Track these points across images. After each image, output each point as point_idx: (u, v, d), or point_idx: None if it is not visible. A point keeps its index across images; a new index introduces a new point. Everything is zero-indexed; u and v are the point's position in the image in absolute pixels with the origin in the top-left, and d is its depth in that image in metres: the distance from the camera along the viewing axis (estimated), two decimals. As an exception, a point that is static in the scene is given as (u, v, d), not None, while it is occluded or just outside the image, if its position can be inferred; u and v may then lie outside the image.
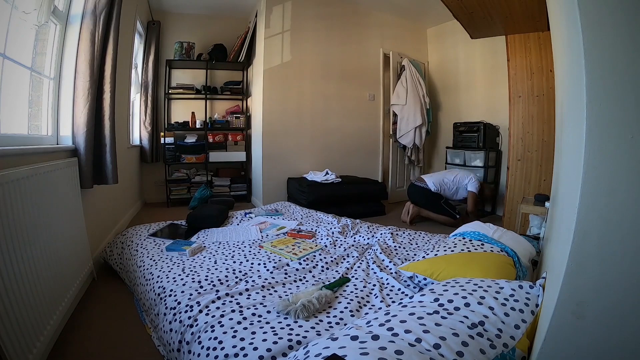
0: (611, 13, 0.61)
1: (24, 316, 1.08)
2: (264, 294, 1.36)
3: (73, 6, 1.83)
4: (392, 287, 1.49)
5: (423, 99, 4.32)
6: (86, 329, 1.46)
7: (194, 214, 2.43)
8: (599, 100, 0.61)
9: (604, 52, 0.61)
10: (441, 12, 3.48)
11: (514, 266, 1.38)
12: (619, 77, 0.60)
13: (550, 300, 0.76)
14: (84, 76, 1.78)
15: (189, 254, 1.75)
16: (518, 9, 2.69)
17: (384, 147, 4.56)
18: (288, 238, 2.05)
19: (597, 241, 0.63)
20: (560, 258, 0.74)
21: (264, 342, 1.01)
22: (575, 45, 0.68)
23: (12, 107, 1.51)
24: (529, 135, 3.19)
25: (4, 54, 1.35)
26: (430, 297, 0.97)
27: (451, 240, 1.61)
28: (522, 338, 0.84)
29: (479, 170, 3.78)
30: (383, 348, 0.71)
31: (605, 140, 0.61)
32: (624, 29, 0.60)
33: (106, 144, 1.98)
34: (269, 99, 3.77)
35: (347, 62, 4.19)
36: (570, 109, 0.90)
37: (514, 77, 3.25)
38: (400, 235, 2.21)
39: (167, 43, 4.21)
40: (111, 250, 2.06)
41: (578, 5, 0.62)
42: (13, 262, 1.05)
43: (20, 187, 1.15)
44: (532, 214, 2.36)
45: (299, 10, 3.84)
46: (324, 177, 3.66)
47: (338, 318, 1.20)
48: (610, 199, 0.61)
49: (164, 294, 1.39)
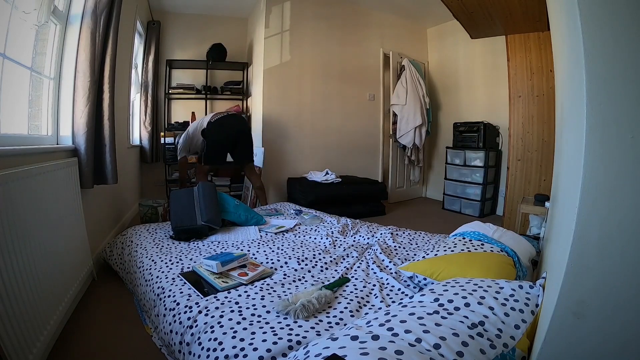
0: (611, 13, 0.61)
1: (24, 316, 1.08)
2: (263, 294, 1.35)
3: (73, 6, 1.83)
4: (392, 287, 1.49)
5: (423, 99, 4.32)
6: (86, 329, 1.46)
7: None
8: (599, 100, 0.61)
9: (604, 52, 0.61)
10: (441, 12, 3.48)
11: (514, 266, 1.38)
12: (619, 77, 0.60)
13: (550, 300, 0.76)
14: (84, 76, 1.78)
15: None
16: (518, 9, 2.69)
17: (384, 147, 4.56)
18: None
19: (597, 241, 0.63)
20: (560, 258, 0.74)
21: (263, 343, 1.01)
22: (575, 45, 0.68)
23: (12, 107, 1.51)
24: (529, 135, 3.19)
25: (4, 54, 1.34)
26: (430, 297, 0.97)
27: (451, 240, 1.61)
28: (522, 338, 0.84)
29: (479, 170, 3.78)
30: (383, 348, 0.71)
31: (605, 140, 0.61)
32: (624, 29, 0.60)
33: (106, 144, 1.98)
34: (268, 99, 3.77)
35: (347, 62, 4.19)
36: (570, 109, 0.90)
37: (514, 77, 3.25)
38: (400, 235, 2.21)
39: (167, 43, 4.21)
40: (111, 250, 2.06)
41: (578, 5, 0.63)
42: (13, 262, 1.05)
43: (21, 187, 1.15)
44: (532, 214, 2.36)
45: (298, 10, 3.84)
46: (324, 177, 3.66)
47: (338, 318, 1.20)
48: (610, 199, 0.61)
49: (163, 295, 1.39)
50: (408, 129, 4.23)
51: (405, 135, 4.27)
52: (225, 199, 2.39)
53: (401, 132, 4.29)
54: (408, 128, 4.23)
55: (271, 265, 1.66)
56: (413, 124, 4.20)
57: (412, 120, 4.20)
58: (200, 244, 1.95)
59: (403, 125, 4.26)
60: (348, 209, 3.42)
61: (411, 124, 4.21)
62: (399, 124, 4.31)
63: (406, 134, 4.26)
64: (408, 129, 4.23)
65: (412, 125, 4.21)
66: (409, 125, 4.22)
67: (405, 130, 4.25)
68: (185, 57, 4.26)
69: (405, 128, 4.24)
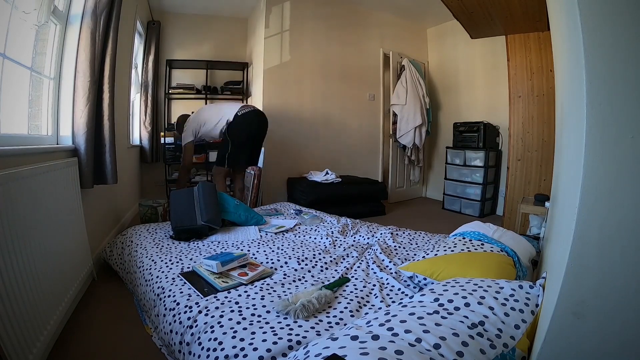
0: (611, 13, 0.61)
1: (24, 316, 1.08)
2: (263, 294, 1.35)
3: (73, 6, 1.83)
4: (392, 287, 1.49)
5: (423, 98, 4.32)
6: (86, 329, 1.46)
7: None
8: (599, 100, 0.61)
9: (604, 52, 0.61)
10: (441, 12, 3.48)
11: (514, 266, 1.38)
12: (619, 77, 0.60)
13: (550, 300, 0.76)
14: (84, 76, 1.78)
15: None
16: (518, 9, 2.69)
17: (384, 147, 4.56)
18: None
19: (597, 241, 0.63)
20: (560, 258, 0.74)
21: (263, 343, 1.01)
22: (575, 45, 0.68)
23: (12, 107, 1.51)
24: (529, 135, 3.19)
25: (4, 54, 1.34)
26: (430, 297, 0.97)
27: (451, 240, 1.61)
28: (522, 338, 0.84)
29: (479, 170, 3.78)
30: (383, 348, 0.71)
31: (605, 140, 0.61)
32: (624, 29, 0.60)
33: (106, 144, 1.98)
34: (268, 99, 3.77)
35: (347, 62, 4.19)
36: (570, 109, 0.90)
37: (514, 77, 3.25)
38: (400, 235, 2.21)
39: (167, 43, 4.21)
40: (111, 250, 2.06)
41: (578, 5, 0.63)
42: (13, 262, 1.05)
43: (20, 187, 1.15)
44: (532, 214, 2.36)
45: (298, 10, 3.84)
46: (324, 177, 3.66)
47: (338, 318, 1.20)
48: (610, 199, 0.61)
49: (163, 295, 1.39)
50: (408, 129, 4.23)
51: (405, 135, 4.28)
52: (225, 199, 2.39)
53: (401, 132, 4.29)
54: (408, 128, 4.23)
55: (271, 265, 1.66)
56: (413, 124, 4.21)
57: (412, 120, 4.21)
58: (200, 244, 1.95)
59: (403, 125, 4.26)
60: (348, 209, 3.41)
61: (411, 124, 4.21)
62: (399, 123, 4.32)
63: (406, 133, 4.26)
64: (408, 129, 4.23)
65: (412, 125, 4.21)
66: (409, 125, 4.22)
67: (405, 130, 4.26)
68: (185, 57, 4.26)
69: (405, 128, 4.25)
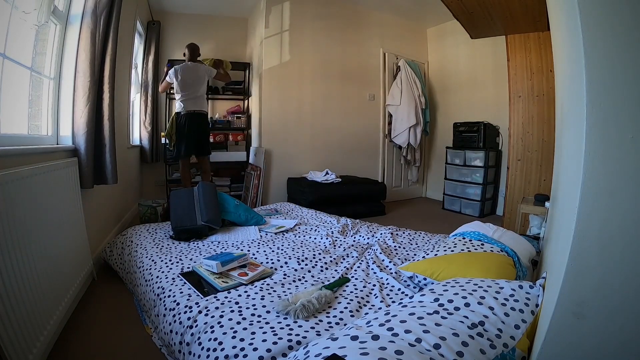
0: (611, 13, 0.61)
1: (24, 316, 1.08)
2: (263, 294, 1.35)
3: (73, 6, 1.83)
4: (392, 287, 1.49)
5: (418, 99, 4.34)
6: (86, 329, 1.46)
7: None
8: (599, 100, 0.61)
9: (604, 52, 0.61)
10: (441, 12, 3.47)
11: (514, 266, 1.38)
12: (619, 77, 0.60)
13: (550, 300, 0.76)
14: (84, 76, 1.78)
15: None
16: (518, 9, 2.69)
17: (384, 147, 4.57)
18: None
19: (597, 241, 0.63)
20: (560, 258, 0.74)
21: (263, 343, 1.01)
22: (575, 45, 0.68)
23: (12, 107, 1.51)
24: (529, 135, 3.19)
25: (4, 54, 1.35)
26: (430, 297, 0.97)
27: (451, 240, 1.61)
28: (522, 338, 0.84)
29: (479, 170, 3.78)
30: (383, 348, 0.71)
31: (605, 140, 0.61)
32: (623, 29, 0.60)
33: (106, 144, 1.98)
34: (268, 99, 3.77)
35: (347, 62, 4.19)
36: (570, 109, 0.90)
37: (514, 77, 3.25)
38: (400, 235, 2.21)
39: (167, 43, 4.21)
40: (111, 251, 2.06)
41: (578, 6, 0.62)
42: (13, 262, 1.05)
43: (20, 187, 1.15)
44: (532, 214, 2.36)
45: (298, 10, 3.83)
46: (324, 177, 3.66)
47: (338, 318, 1.20)
48: (610, 199, 0.61)
49: (163, 295, 1.39)
50: (402, 129, 4.29)
51: (399, 135, 4.33)
52: (225, 199, 2.39)
53: (396, 132, 4.35)
54: (402, 128, 4.28)
55: (271, 265, 1.66)
56: (407, 124, 4.25)
57: (407, 120, 4.25)
58: (200, 244, 1.95)
59: (397, 125, 4.33)
60: (348, 209, 3.42)
61: (405, 124, 4.26)
62: (393, 124, 4.38)
63: (400, 133, 4.32)
64: (402, 129, 4.29)
65: (406, 125, 4.26)
66: (403, 125, 4.28)
67: (399, 130, 4.31)
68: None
69: (400, 128, 4.30)
